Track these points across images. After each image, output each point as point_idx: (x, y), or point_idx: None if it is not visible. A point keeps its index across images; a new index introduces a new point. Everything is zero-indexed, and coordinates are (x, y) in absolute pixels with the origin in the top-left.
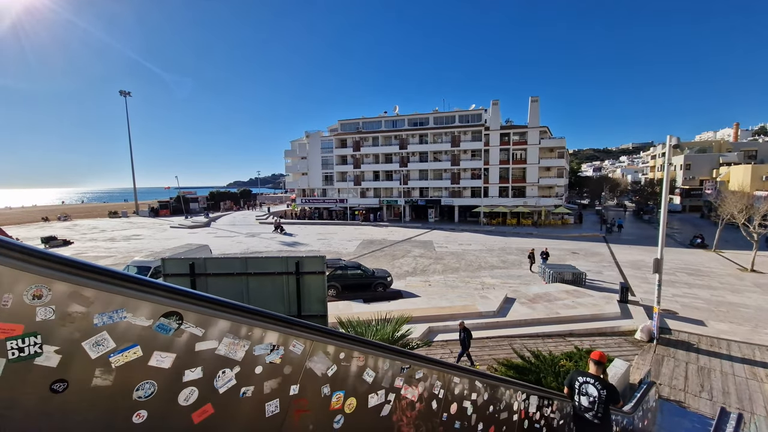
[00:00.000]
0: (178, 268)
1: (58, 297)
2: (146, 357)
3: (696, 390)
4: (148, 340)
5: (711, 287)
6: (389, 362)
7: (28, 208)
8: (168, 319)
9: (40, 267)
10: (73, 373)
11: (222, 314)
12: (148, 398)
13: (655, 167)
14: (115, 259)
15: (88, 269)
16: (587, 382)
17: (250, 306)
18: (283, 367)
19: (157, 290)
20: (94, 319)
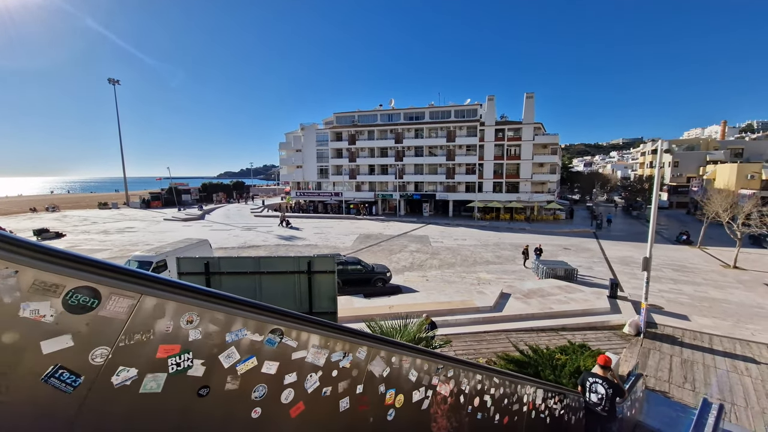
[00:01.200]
0: (193, 267)
1: (204, 321)
2: (259, 365)
3: (680, 381)
4: (260, 352)
5: (695, 283)
6: (428, 363)
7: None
8: (274, 335)
9: (190, 298)
10: (213, 380)
11: (310, 329)
12: (261, 398)
13: (644, 164)
14: (111, 253)
15: (223, 300)
16: (596, 382)
17: (331, 322)
18: (352, 370)
19: (265, 312)
20: (227, 337)
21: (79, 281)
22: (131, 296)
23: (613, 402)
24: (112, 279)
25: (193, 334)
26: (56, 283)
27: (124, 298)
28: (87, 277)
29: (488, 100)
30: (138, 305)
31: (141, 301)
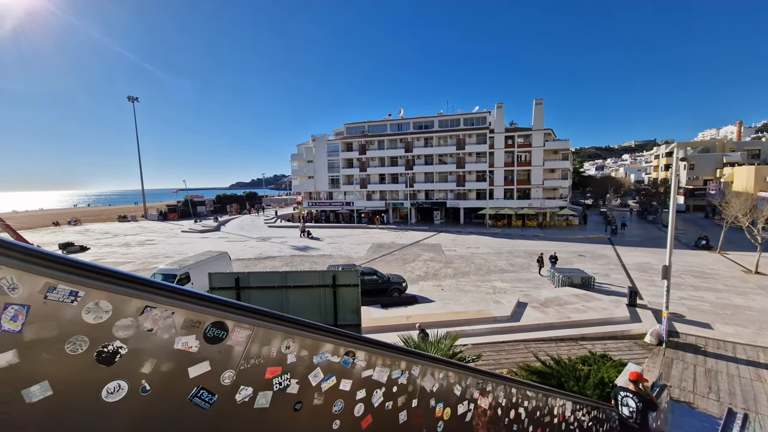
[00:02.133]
0: (224, 282)
1: (297, 347)
2: (338, 383)
3: (704, 391)
4: (338, 371)
5: (716, 290)
6: (471, 378)
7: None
8: (348, 357)
9: (290, 328)
10: (305, 396)
11: (375, 351)
12: (339, 412)
13: (658, 167)
14: (134, 265)
15: (312, 328)
16: (627, 396)
17: (393, 344)
18: (408, 386)
19: (341, 337)
20: (314, 359)
21: (214, 318)
22: (248, 328)
23: (645, 415)
24: (236, 315)
25: (290, 358)
26: (200, 321)
27: (243, 329)
28: (218, 314)
29: (497, 107)
30: (253, 335)
31: (255, 332)
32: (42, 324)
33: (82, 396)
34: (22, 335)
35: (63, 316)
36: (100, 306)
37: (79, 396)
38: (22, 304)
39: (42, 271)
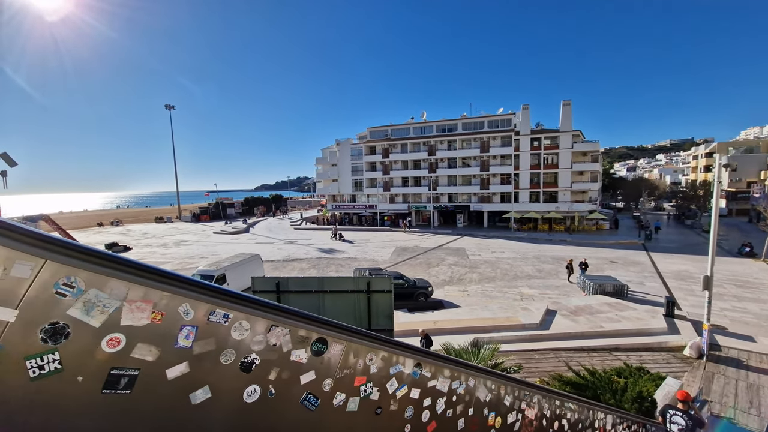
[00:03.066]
0: (265, 286)
1: (378, 359)
2: (409, 392)
3: (745, 407)
4: (408, 381)
5: (760, 300)
6: (519, 390)
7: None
8: (417, 368)
9: (374, 343)
10: (383, 403)
11: (439, 363)
12: (410, 418)
13: (697, 168)
14: (173, 265)
15: (389, 343)
16: (676, 414)
17: (454, 358)
18: (465, 396)
19: (412, 351)
20: (390, 370)
21: (318, 335)
22: (342, 343)
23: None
24: (334, 332)
25: (372, 369)
26: (308, 337)
27: (338, 344)
28: (321, 332)
29: (523, 109)
30: (346, 348)
31: (348, 346)
32: (205, 340)
33: (230, 397)
34: (192, 350)
35: (219, 334)
36: (242, 325)
37: (229, 397)
38: (193, 325)
39: (206, 299)
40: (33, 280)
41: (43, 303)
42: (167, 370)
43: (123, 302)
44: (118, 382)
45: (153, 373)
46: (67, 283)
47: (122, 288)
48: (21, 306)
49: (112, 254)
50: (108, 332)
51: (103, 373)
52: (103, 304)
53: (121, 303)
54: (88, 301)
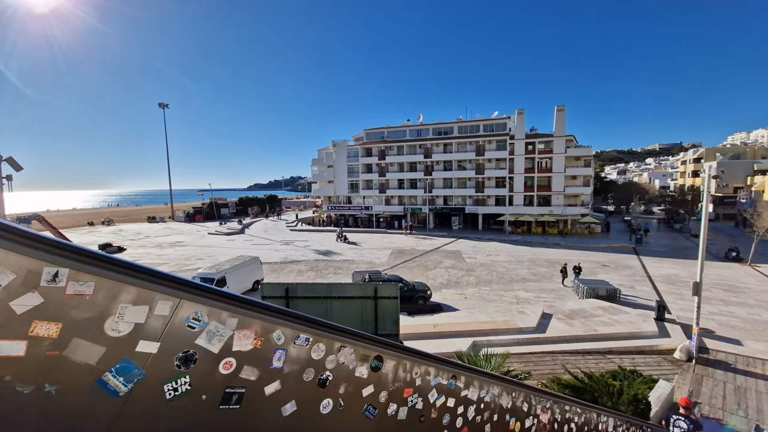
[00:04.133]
0: (274, 291)
1: (422, 372)
2: (446, 401)
3: (733, 408)
4: (446, 392)
5: (747, 305)
6: (533, 396)
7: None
8: (453, 380)
9: (419, 359)
10: (426, 412)
11: (470, 375)
12: (447, 424)
13: (686, 173)
14: (169, 267)
15: (430, 358)
16: (678, 419)
17: (483, 370)
18: (491, 404)
19: (448, 365)
20: (432, 381)
21: (376, 353)
22: (394, 359)
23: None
24: (389, 351)
25: (417, 381)
26: (368, 355)
27: (392, 360)
28: (379, 350)
29: (518, 113)
30: (397, 364)
31: (398, 362)
32: (291, 361)
33: (311, 409)
34: (282, 370)
35: (302, 355)
36: (319, 347)
37: (310, 409)
38: (283, 349)
39: (291, 325)
40: (171, 316)
41: (177, 335)
42: (265, 388)
43: (234, 331)
44: (231, 399)
45: (255, 390)
46: (195, 317)
47: (233, 320)
48: (162, 338)
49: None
50: (223, 357)
51: (219, 392)
52: (220, 334)
53: (233, 332)
54: (210, 331)
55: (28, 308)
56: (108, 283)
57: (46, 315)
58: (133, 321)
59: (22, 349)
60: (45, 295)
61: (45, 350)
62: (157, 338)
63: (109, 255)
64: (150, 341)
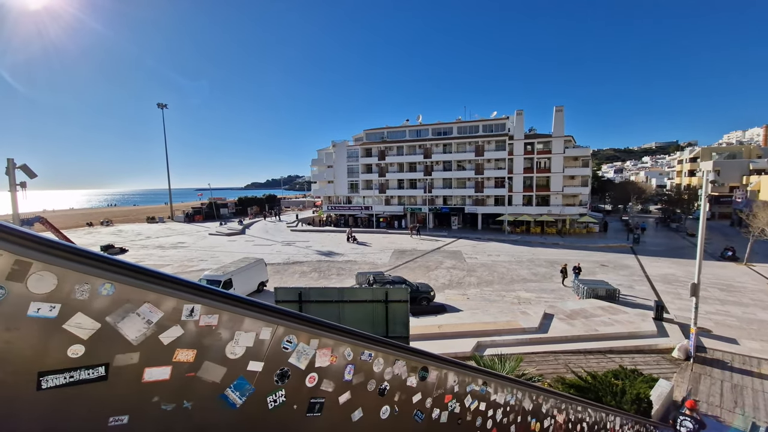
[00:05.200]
0: (288, 296)
1: (460, 380)
2: (479, 405)
3: (730, 406)
4: (479, 397)
5: (743, 304)
6: (552, 399)
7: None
8: (484, 385)
9: (455, 368)
10: (462, 416)
11: (500, 381)
12: (479, 426)
13: (682, 172)
14: (173, 268)
15: (466, 368)
16: (685, 419)
17: (511, 377)
18: (515, 406)
19: (481, 373)
20: (467, 388)
21: (422, 364)
22: (438, 370)
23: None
24: (433, 362)
25: (455, 388)
26: (416, 366)
27: (435, 371)
28: (425, 362)
29: (517, 114)
30: (440, 373)
31: (441, 370)
32: (358, 374)
33: (373, 415)
34: (351, 382)
35: (366, 368)
36: (379, 360)
37: (372, 415)
38: (352, 364)
39: (358, 343)
40: (271, 340)
41: (276, 355)
42: (339, 397)
43: (316, 350)
44: (314, 408)
45: (332, 400)
46: (288, 340)
47: (315, 340)
48: (265, 358)
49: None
50: (308, 372)
51: (306, 402)
52: (306, 353)
53: (315, 351)
54: (299, 351)
55: (172, 339)
56: (227, 315)
57: (185, 343)
58: (245, 345)
59: (168, 373)
60: (184, 327)
61: (184, 372)
62: (262, 358)
63: (226, 292)
64: (257, 361)
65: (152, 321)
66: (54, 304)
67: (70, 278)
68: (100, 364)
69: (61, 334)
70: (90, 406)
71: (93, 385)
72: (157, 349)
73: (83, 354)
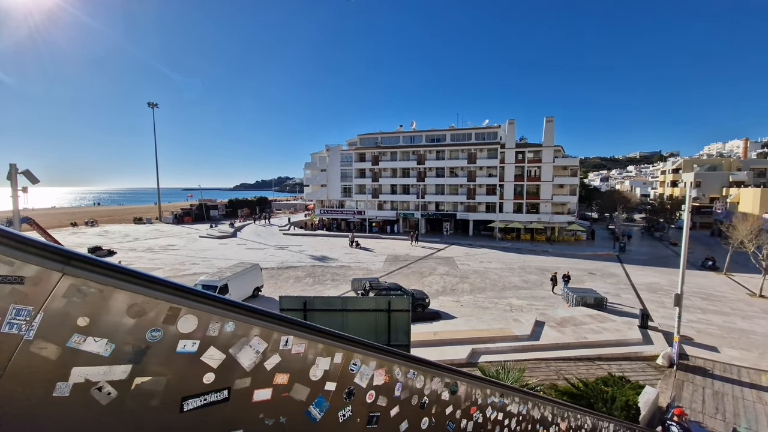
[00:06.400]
0: (293, 304)
1: (483, 393)
2: (497, 415)
3: (711, 412)
4: (498, 408)
5: (723, 313)
6: (556, 408)
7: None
8: (502, 398)
9: (478, 383)
10: (484, 425)
11: (515, 393)
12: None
13: (665, 182)
14: (164, 272)
15: (488, 383)
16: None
17: (530, 392)
18: (528, 416)
19: (500, 386)
20: (488, 400)
21: (453, 381)
22: (466, 384)
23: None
24: (461, 378)
25: (479, 400)
26: (450, 382)
27: (464, 386)
28: (455, 377)
29: (509, 123)
30: (467, 387)
31: (468, 384)
32: (405, 390)
33: (416, 426)
34: (400, 398)
35: (411, 386)
36: (420, 378)
37: (415, 426)
38: (401, 381)
39: (405, 363)
40: (342, 363)
41: (344, 376)
42: (390, 411)
43: (374, 371)
44: (372, 421)
45: (385, 413)
46: (354, 362)
47: (374, 362)
48: (337, 379)
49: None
50: (368, 390)
51: (366, 416)
52: (367, 373)
53: (373, 371)
54: (362, 372)
55: (273, 365)
56: (310, 344)
57: (281, 369)
58: (323, 368)
59: (269, 394)
60: (282, 356)
61: (281, 393)
62: (335, 379)
63: (311, 324)
64: (331, 382)
65: (259, 351)
66: (195, 340)
67: (205, 319)
68: (225, 388)
69: (199, 365)
70: (216, 423)
71: (219, 405)
72: (263, 374)
73: (213, 381)
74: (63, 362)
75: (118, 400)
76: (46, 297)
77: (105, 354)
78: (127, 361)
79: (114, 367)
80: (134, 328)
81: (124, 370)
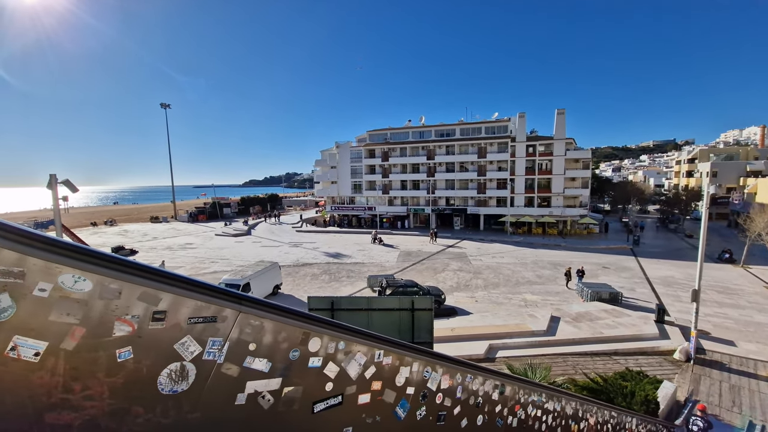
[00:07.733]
0: (321, 304)
1: (525, 392)
2: (536, 412)
3: (728, 405)
4: (537, 405)
5: (740, 306)
6: (585, 404)
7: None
8: (541, 396)
9: (516, 383)
10: (526, 422)
11: (550, 392)
12: (537, 429)
13: (680, 173)
14: (186, 270)
15: (522, 382)
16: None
17: (562, 390)
18: (561, 412)
19: (539, 386)
20: (529, 398)
21: (500, 382)
22: (513, 385)
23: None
24: (508, 380)
25: (521, 399)
26: (497, 384)
27: (511, 387)
28: (502, 380)
29: (519, 116)
30: (513, 387)
31: (513, 385)
32: (464, 392)
33: (473, 423)
34: (461, 398)
35: (469, 387)
36: (477, 380)
37: (472, 423)
38: (461, 385)
39: (462, 369)
40: (417, 371)
41: (419, 382)
42: (454, 410)
43: (441, 376)
44: (440, 418)
45: (450, 412)
46: (427, 370)
47: (441, 368)
48: (415, 384)
49: (431, 351)
50: (437, 392)
51: (436, 414)
52: (437, 379)
53: (440, 377)
54: (433, 378)
55: (371, 374)
56: (396, 356)
57: (376, 377)
58: (405, 376)
59: (368, 398)
60: (376, 366)
61: (376, 397)
62: (413, 384)
63: (399, 341)
64: (411, 387)
65: (361, 363)
66: (319, 357)
67: (326, 340)
68: (339, 393)
69: (322, 376)
70: (334, 422)
71: (336, 408)
72: (363, 381)
73: (332, 388)
74: (241, 378)
75: (274, 405)
76: (230, 330)
77: (265, 370)
78: (278, 375)
79: (271, 380)
80: (282, 349)
81: (277, 382)
